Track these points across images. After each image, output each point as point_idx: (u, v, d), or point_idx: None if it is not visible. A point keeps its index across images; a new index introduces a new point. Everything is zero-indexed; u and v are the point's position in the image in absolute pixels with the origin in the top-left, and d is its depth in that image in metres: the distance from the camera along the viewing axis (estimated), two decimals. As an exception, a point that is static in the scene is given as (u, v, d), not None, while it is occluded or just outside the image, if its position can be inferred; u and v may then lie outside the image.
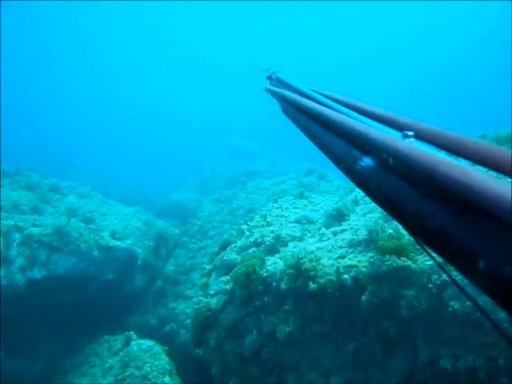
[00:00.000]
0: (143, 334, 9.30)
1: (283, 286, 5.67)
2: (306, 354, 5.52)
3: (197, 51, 61.60)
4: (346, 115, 1.18)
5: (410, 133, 0.89)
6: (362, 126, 1.03)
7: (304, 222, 7.04)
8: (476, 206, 0.60)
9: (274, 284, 5.75)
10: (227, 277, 6.27)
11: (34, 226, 9.70)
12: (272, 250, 6.56)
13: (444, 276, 4.58)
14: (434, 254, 0.82)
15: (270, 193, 12.54)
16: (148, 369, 7.81)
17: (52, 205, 11.01)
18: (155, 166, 35.74)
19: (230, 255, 6.82)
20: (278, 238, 6.66)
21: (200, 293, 6.92)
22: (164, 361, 8.04)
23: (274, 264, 5.95)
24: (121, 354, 8.59)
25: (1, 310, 9.81)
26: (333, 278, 5.31)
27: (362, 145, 1.00)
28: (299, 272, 5.50)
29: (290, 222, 7.11)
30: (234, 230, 7.51)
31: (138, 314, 10.72)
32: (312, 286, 5.28)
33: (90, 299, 10.20)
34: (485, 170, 0.67)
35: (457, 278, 1.18)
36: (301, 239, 6.60)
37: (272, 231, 6.87)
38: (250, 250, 6.64)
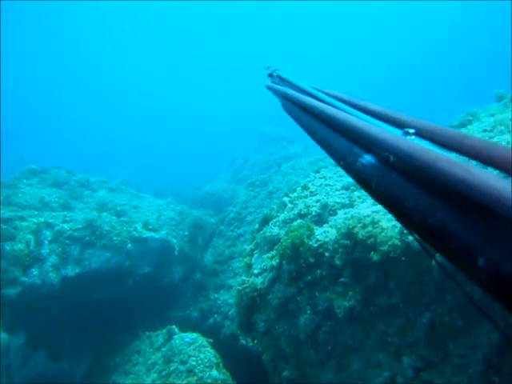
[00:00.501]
0: (185, 328, 8.78)
1: (338, 260, 4.97)
2: (370, 332, 4.80)
3: (218, 44, 61.23)
4: (347, 113, 1.18)
5: (411, 130, 0.90)
6: (363, 123, 1.03)
7: (352, 188, 6.30)
8: (476, 203, 0.61)
9: (327, 254, 5.06)
10: (272, 252, 5.61)
11: (65, 222, 9.36)
12: (320, 220, 5.87)
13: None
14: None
15: (308, 172, 11.81)
16: (193, 363, 7.27)
17: (82, 200, 10.68)
18: (185, 163, 35.59)
19: (273, 230, 6.17)
20: (325, 206, 5.96)
21: (243, 275, 6.30)
22: (210, 353, 7.47)
23: (325, 233, 5.26)
24: (163, 349, 8.10)
25: (38, 312, 9.52)
26: (396, 241, 4.56)
27: (362, 142, 1.02)
28: (355, 240, 4.78)
29: (337, 190, 6.40)
30: (275, 205, 6.85)
31: (178, 307, 10.23)
32: (373, 255, 4.56)
33: (128, 295, 9.78)
34: (485, 167, 0.67)
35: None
36: (351, 206, 5.87)
37: (317, 200, 6.18)
38: (295, 223, 5.96)
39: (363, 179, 0.98)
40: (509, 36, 42.78)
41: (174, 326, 8.52)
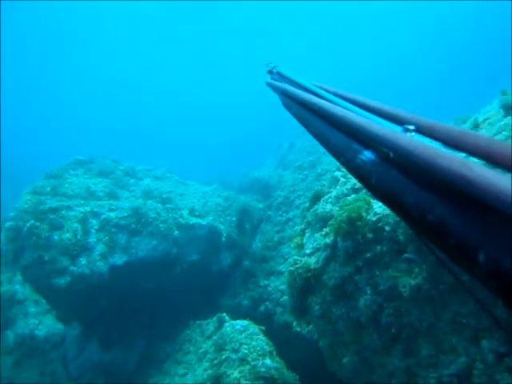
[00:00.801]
0: (236, 317, 8.50)
1: (401, 235, 4.47)
2: (441, 313, 4.27)
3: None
4: (347, 109, 1.19)
5: (411, 127, 0.90)
6: (363, 119, 1.03)
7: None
8: (476, 199, 0.61)
9: (388, 229, 4.56)
10: (325, 229, 5.17)
11: (111, 210, 9.30)
12: (377, 193, 5.33)
13: None
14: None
15: (358, 151, 11.21)
16: (245, 351, 6.96)
17: (128, 189, 10.62)
18: (228, 153, 35.47)
19: (325, 207, 5.71)
20: (382, 178, 5.41)
21: (295, 256, 5.88)
22: (262, 341, 7.14)
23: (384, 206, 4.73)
24: (214, 337, 7.85)
25: (88, 301, 9.55)
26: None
27: (362, 139, 1.02)
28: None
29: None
30: (326, 181, 6.38)
31: (228, 296, 9.97)
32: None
33: (176, 283, 9.62)
34: (484, 163, 0.67)
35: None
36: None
37: (373, 172, 5.63)
38: (349, 198, 5.47)
39: (363, 175, 0.98)
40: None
41: (224, 314, 8.26)
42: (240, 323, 7.65)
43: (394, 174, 0.86)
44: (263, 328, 7.60)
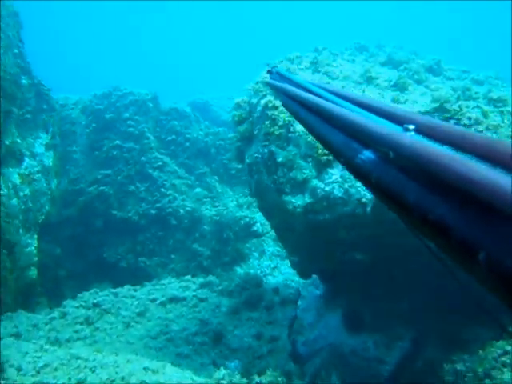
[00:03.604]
0: None
1: None
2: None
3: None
4: (346, 108, 1.22)
5: (411, 126, 0.92)
6: (363, 119, 1.06)
7: None
8: (476, 199, 0.62)
9: None
10: None
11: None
12: None
13: None
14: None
15: None
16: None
17: (426, 86, 6.56)
18: None
19: None
20: None
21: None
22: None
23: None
24: None
25: (335, 249, 6.09)
26: None
27: (362, 138, 1.04)
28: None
29: None
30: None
31: None
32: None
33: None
34: (484, 162, 0.68)
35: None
36: None
37: None
38: None
39: (363, 175, 1.01)
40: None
41: None
42: None
43: (394, 173, 0.87)
44: None
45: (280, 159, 5.47)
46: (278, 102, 5.65)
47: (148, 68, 43.97)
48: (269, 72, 2.31)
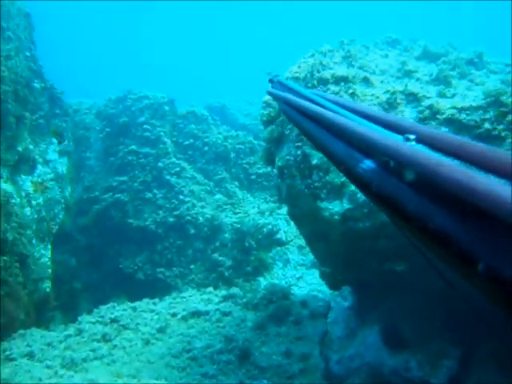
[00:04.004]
0: None
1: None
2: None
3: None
4: (347, 118, 1.22)
5: (412, 136, 0.92)
6: (364, 128, 1.07)
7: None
8: (477, 208, 0.62)
9: None
10: None
11: (443, 96, 4.95)
12: None
13: None
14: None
15: None
16: None
17: (471, 80, 6.03)
18: None
19: None
20: None
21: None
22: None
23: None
24: None
25: (373, 258, 5.59)
26: None
27: (363, 147, 1.05)
28: None
29: None
30: None
31: None
32: None
33: None
34: (485, 173, 0.69)
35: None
36: None
37: None
38: None
39: (363, 184, 1.01)
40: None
41: None
42: None
43: (395, 182, 0.87)
44: None
45: (315, 161, 4.98)
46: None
47: (159, 72, 43.82)
48: (270, 81, 2.34)
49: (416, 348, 5.98)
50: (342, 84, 5.00)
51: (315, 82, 5.15)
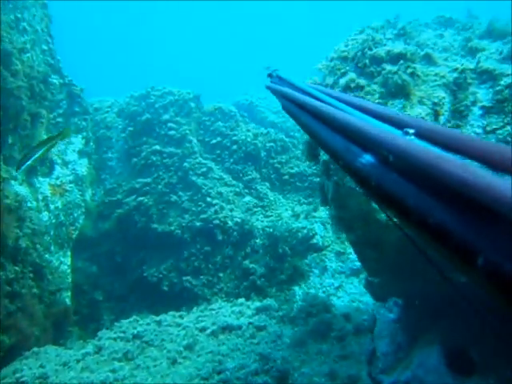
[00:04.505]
0: None
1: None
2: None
3: None
4: (346, 112, 1.22)
5: (411, 130, 0.92)
6: (363, 122, 1.07)
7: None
8: (476, 203, 0.62)
9: None
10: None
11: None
12: None
13: None
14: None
15: None
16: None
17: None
18: None
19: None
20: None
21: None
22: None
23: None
24: None
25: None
26: None
27: (362, 142, 1.04)
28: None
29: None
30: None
31: None
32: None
33: None
34: (484, 166, 0.68)
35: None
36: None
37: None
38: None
39: (362, 178, 1.00)
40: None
41: None
42: None
43: (394, 176, 0.86)
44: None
45: (369, 154, 4.24)
46: (363, 81, 4.42)
47: (180, 70, 43.48)
48: (269, 75, 2.33)
49: (486, 373, 5.13)
50: (401, 62, 4.23)
51: (367, 61, 4.39)
